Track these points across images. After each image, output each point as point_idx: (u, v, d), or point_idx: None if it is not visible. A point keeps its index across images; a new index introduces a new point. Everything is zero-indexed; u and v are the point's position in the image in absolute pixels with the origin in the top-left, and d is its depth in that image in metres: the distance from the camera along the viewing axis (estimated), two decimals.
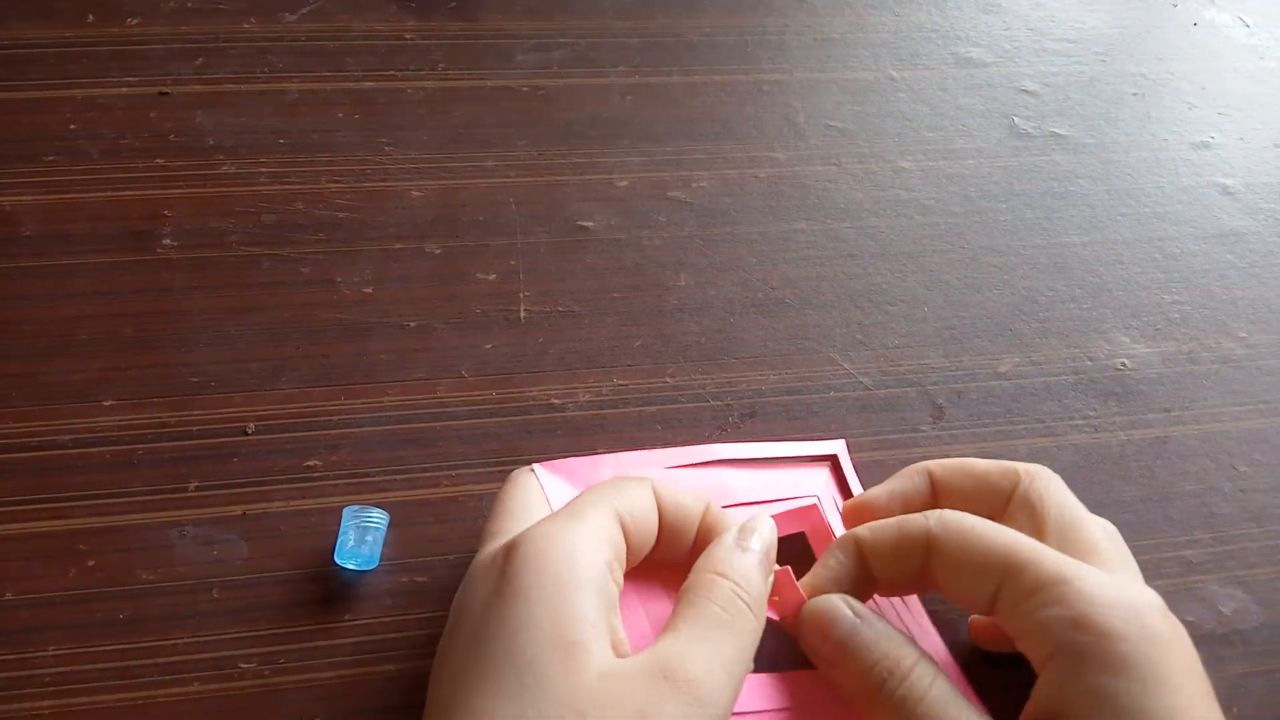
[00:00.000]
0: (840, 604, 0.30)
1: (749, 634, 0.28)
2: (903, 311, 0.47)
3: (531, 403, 0.42)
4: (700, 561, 0.30)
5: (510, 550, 0.28)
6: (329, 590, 0.36)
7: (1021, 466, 0.33)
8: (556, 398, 0.42)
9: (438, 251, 0.47)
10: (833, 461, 0.39)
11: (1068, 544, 0.31)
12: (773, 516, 0.32)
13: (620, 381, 0.43)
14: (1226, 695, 0.36)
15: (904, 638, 0.30)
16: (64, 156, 0.48)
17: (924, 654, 0.29)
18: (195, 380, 0.41)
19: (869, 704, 0.29)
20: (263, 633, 0.35)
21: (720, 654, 0.27)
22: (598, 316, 0.45)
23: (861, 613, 0.30)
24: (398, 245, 0.47)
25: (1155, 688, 0.26)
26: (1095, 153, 0.56)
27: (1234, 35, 0.64)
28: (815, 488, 0.38)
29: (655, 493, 0.31)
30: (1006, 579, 0.29)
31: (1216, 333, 0.48)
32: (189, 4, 0.56)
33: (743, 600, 0.28)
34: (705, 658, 0.26)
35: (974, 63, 0.60)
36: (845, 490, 0.39)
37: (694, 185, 0.51)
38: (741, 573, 0.29)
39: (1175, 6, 0.66)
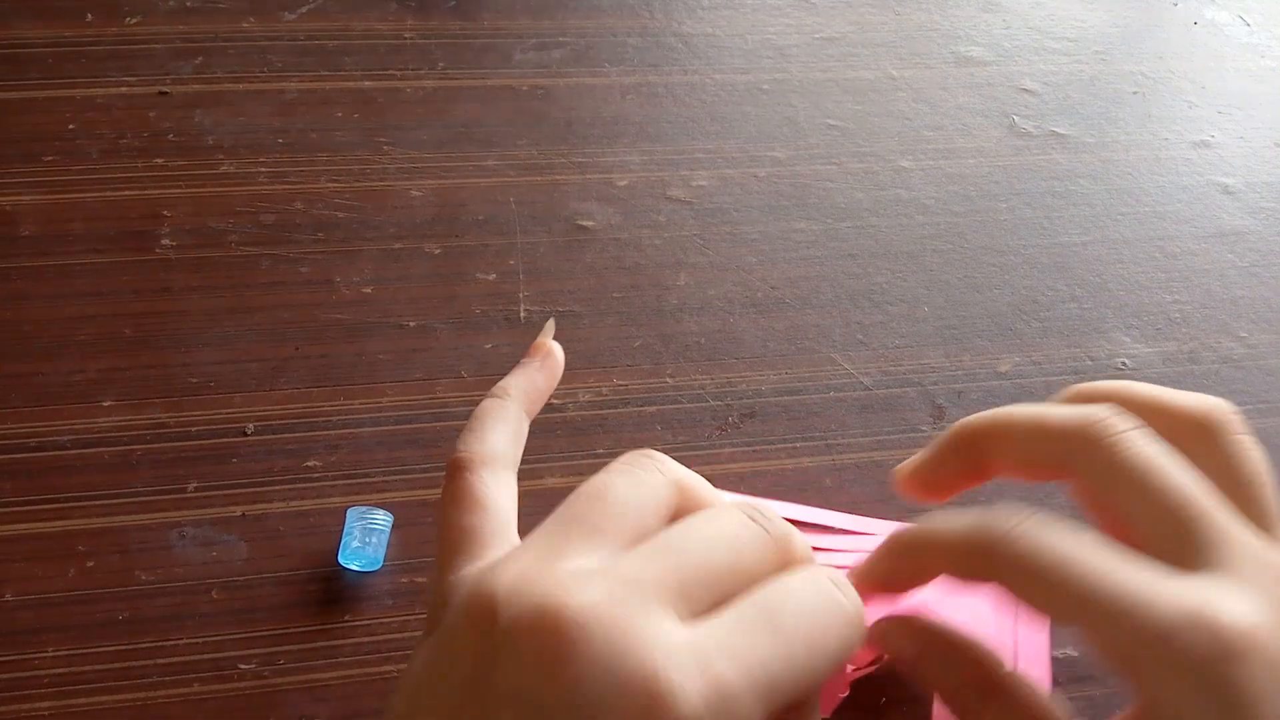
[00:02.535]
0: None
1: None
2: (903, 311, 0.47)
3: None
4: None
5: (549, 634, 0.20)
6: (329, 591, 0.36)
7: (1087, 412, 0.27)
8: (556, 398, 0.42)
9: (437, 251, 0.47)
10: None
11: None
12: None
13: (620, 381, 0.43)
14: None
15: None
16: (63, 156, 0.48)
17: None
18: (195, 380, 0.41)
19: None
20: (263, 633, 0.35)
21: None
22: (598, 316, 0.45)
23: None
24: (397, 245, 0.47)
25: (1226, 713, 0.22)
26: (1095, 152, 0.56)
27: (1234, 35, 0.64)
28: None
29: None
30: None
31: (1217, 332, 0.48)
32: (188, 3, 0.56)
33: None
34: None
35: (974, 62, 0.60)
36: None
37: (694, 185, 0.51)
38: None
39: (1175, 6, 0.66)
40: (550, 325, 0.31)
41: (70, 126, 0.49)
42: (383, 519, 0.37)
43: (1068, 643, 0.37)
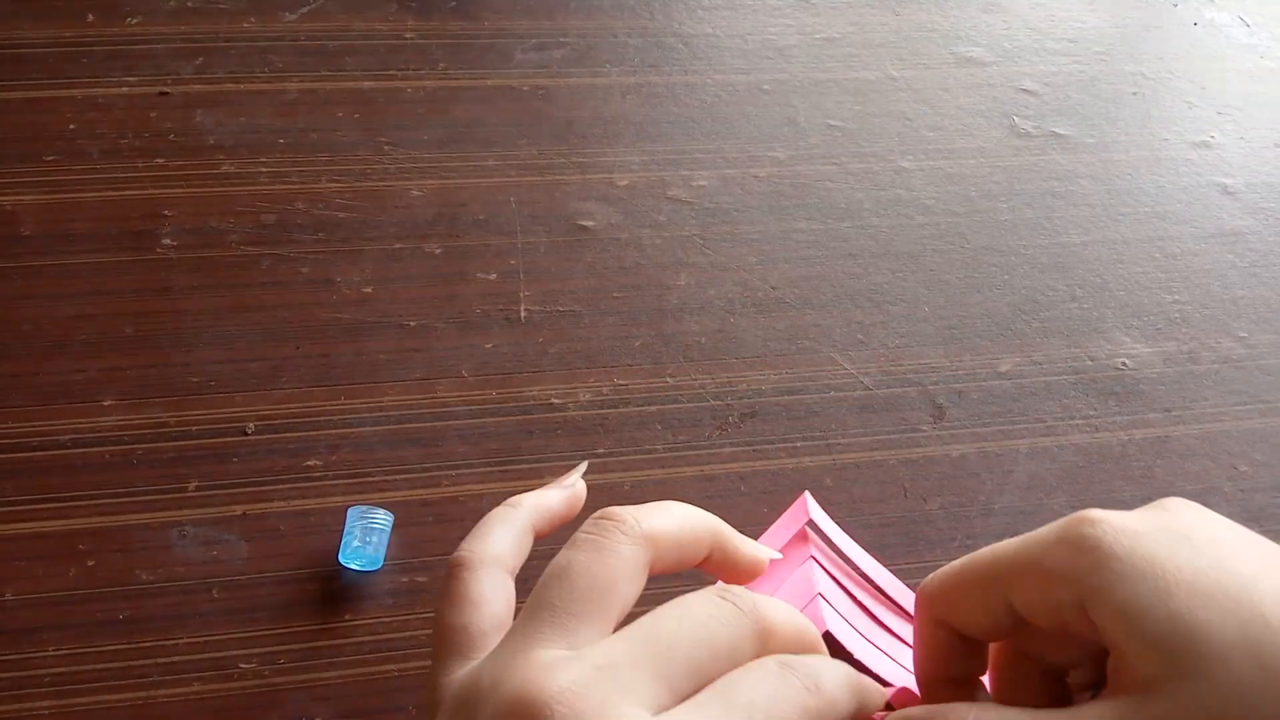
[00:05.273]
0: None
1: None
2: (903, 311, 0.47)
3: (531, 402, 0.42)
4: None
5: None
6: (329, 590, 0.36)
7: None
8: (557, 397, 0.42)
9: (438, 251, 0.47)
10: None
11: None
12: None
13: (620, 381, 0.43)
14: None
15: None
16: (64, 156, 0.48)
17: None
18: (195, 380, 0.41)
19: None
20: (263, 633, 0.35)
21: None
22: (598, 316, 0.45)
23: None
24: (397, 245, 0.47)
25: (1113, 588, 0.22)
26: (1095, 152, 0.56)
27: (1234, 35, 0.64)
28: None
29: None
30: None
31: (1217, 332, 0.48)
32: (189, 3, 0.56)
33: None
34: None
35: (974, 62, 0.60)
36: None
37: (694, 185, 0.51)
38: None
39: (1175, 6, 0.66)
40: (583, 465, 0.32)
41: (71, 126, 0.49)
42: (383, 518, 0.37)
43: None
